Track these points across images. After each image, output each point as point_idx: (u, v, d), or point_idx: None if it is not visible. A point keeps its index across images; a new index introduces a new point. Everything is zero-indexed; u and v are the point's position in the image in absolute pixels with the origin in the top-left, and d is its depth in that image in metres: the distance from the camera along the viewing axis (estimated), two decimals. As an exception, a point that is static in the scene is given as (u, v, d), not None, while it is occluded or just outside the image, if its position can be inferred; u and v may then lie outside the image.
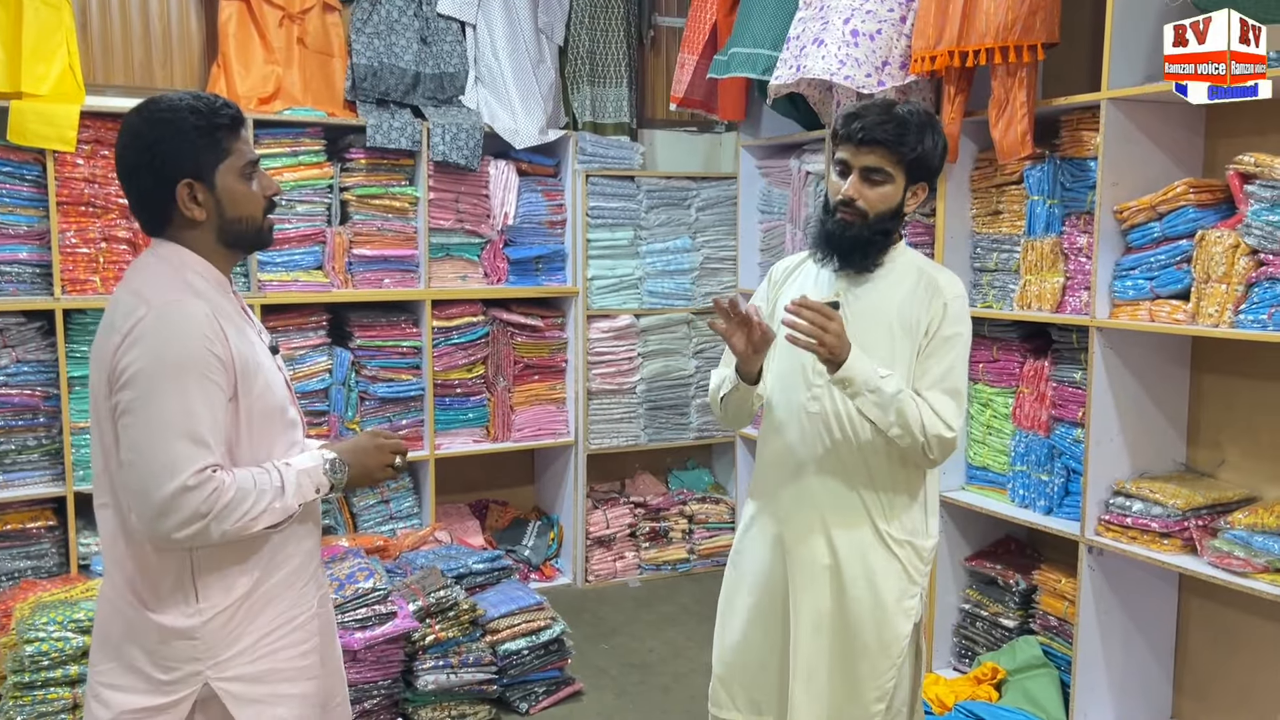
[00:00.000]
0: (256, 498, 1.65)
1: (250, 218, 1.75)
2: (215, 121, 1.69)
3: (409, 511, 4.25)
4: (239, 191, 1.72)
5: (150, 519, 1.59)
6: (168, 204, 1.69)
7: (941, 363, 2.14)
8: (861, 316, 2.17)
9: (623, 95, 4.78)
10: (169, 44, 4.00)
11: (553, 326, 4.54)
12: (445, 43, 4.29)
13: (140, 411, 1.58)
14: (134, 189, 1.72)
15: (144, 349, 1.59)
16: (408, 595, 3.32)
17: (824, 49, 3.39)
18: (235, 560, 1.69)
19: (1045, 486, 3.28)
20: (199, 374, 1.60)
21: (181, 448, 1.58)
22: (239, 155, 1.72)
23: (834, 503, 2.20)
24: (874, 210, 2.13)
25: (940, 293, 2.17)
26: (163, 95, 1.72)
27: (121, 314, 1.63)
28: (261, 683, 1.72)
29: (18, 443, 3.57)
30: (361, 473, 1.83)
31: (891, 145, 2.10)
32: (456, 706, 3.29)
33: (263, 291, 3.85)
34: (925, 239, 3.66)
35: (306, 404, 3.99)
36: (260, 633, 1.72)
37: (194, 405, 1.59)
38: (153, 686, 1.67)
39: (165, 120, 1.67)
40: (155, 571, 1.67)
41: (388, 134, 4.01)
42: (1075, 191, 3.16)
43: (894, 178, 2.13)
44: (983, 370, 3.53)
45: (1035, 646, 3.32)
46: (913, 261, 2.23)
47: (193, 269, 1.70)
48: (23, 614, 3.01)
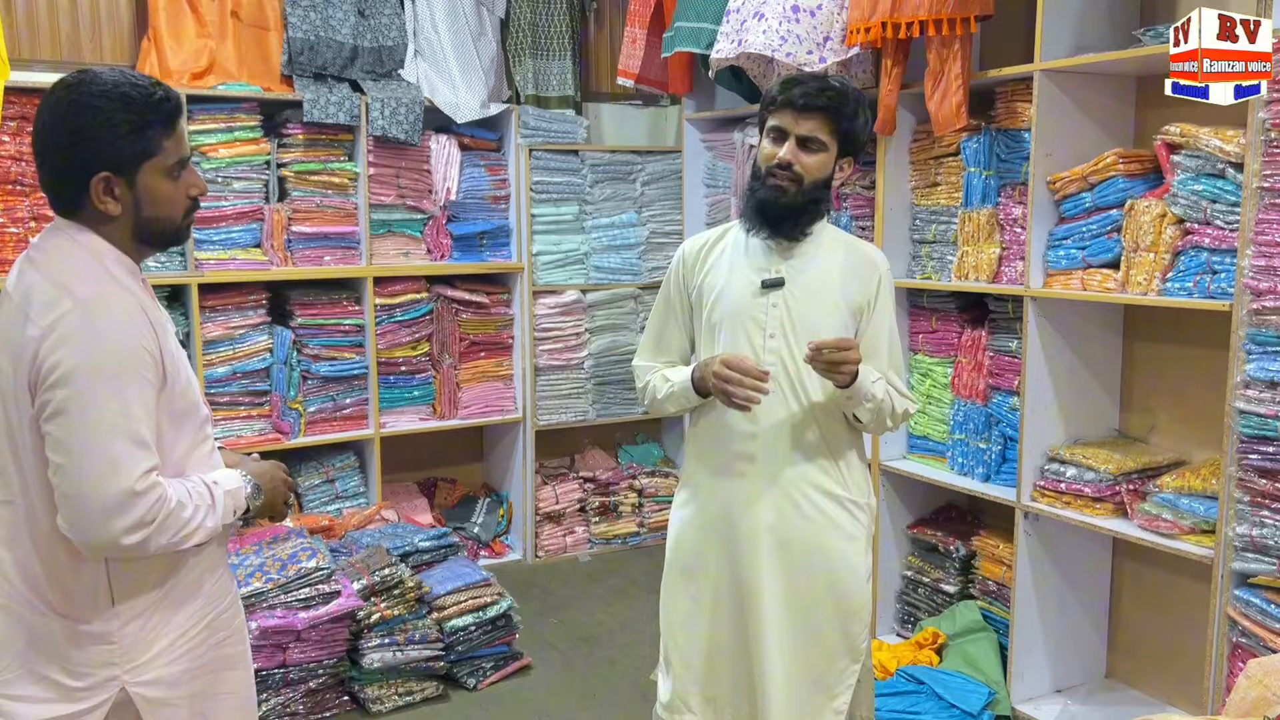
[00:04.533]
0: (192, 512, 1.59)
1: (168, 218, 1.64)
2: (149, 117, 1.57)
3: (355, 491, 4.22)
4: (160, 191, 1.61)
5: (89, 525, 1.50)
6: (80, 192, 1.57)
7: (889, 340, 2.23)
8: (804, 290, 2.19)
9: (566, 68, 4.74)
10: (97, 17, 3.89)
11: (498, 303, 4.52)
12: (383, 15, 4.22)
13: (76, 412, 1.49)
14: (46, 169, 1.60)
15: (74, 346, 1.50)
16: (352, 574, 3.31)
17: (765, 23, 3.39)
18: (149, 563, 1.62)
19: (983, 454, 3.33)
20: (134, 372, 1.53)
21: (124, 449, 1.50)
22: (168, 154, 1.61)
23: (789, 471, 2.20)
24: (810, 176, 2.14)
25: (875, 267, 2.23)
26: (97, 75, 1.58)
27: (40, 304, 1.52)
28: (177, 685, 1.66)
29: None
30: (269, 502, 1.77)
31: (830, 113, 2.12)
32: (404, 684, 3.29)
33: (200, 270, 3.79)
34: (865, 211, 3.68)
35: (247, 384, 3.94)
36: (175, 633, 1.66)
37: (132, 405, 1.52)
38: (64, 695, 1.59)
39: (94, 107, 1.54)
40: (68, 576, 1.59)
41: (325, 109, 3.95)
42: (1010, 163, 3.20)
43: (828, 147, 2.15)
44: (922, 341, 3.57)
45: (975, 611, 3.39)
46: (837, 237, 2.26)
47: (108, 257, 1.60)
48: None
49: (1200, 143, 2.63)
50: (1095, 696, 3.24)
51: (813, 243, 2.22)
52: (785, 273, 2.19)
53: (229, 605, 1.78)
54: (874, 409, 2.13)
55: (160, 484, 1.54)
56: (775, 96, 2.16)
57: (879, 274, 2.22)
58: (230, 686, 1.77)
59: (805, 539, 2.20)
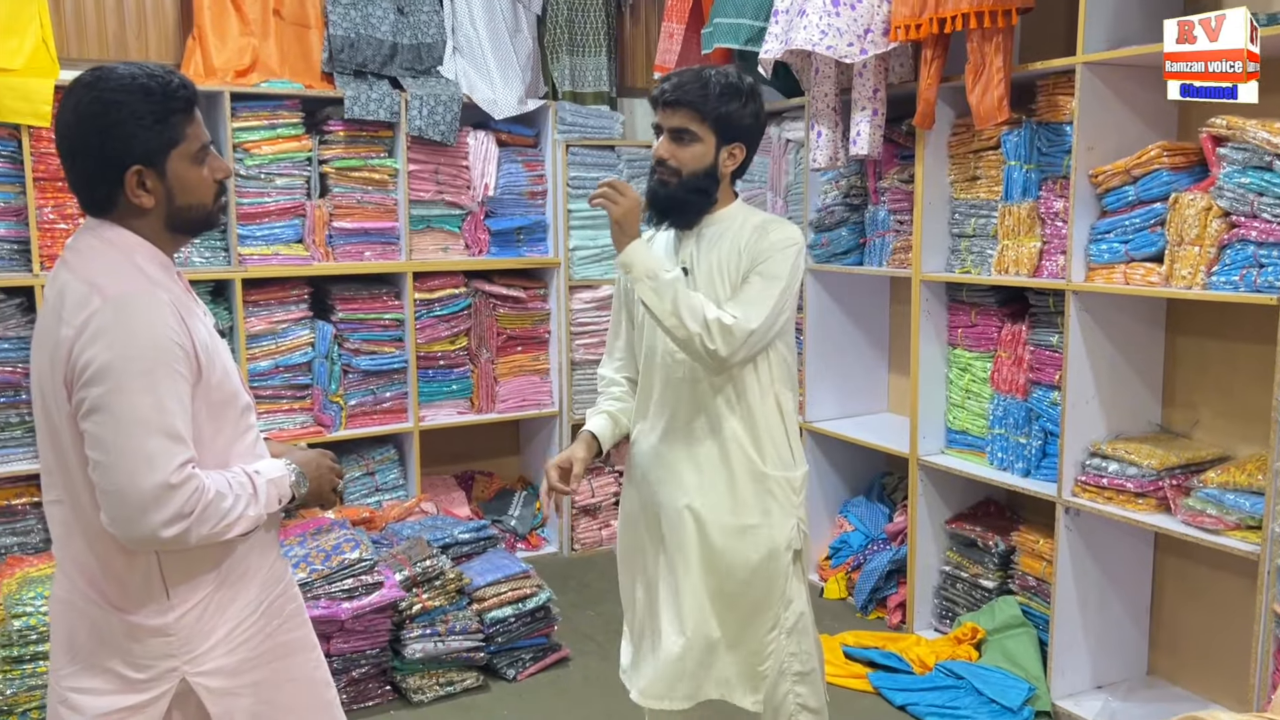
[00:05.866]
0: (233, 502, 1.60)
1: (200, 204, 1.67)
2: (170, 105, 1.59)
3: (394, 484, 4.27)
4: (190, 178, 1.63)
5: (130, 518, 1.52)
6: (114, 189, 1.59)
7: (750, 288, 2.17)
8: (705, 277, 2.23)
9: (602, 64, 4.76)
10: (143, 16, 3.96)
11: (535, 297, 4.55)
12: (422, 12, 4.26)
13: (110, 409, 1.51)
14: (76, 170, 1.61)
15: (107, 343, 1.51)
16: (394, 565, 3.35)
17: (806, 19, 3.40)
18: (201, 555, 1.64)
19: (1023, 449, 3.32)
20: (167, 367, 1.54)
21: (158, 444, 1.51)
22: (192, 140, 1.63)
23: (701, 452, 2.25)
24: (686, 169, 2.19)
25: (766, 236, 2.21)
26: (112, 70, 1.59)
27: (73, 304, 1.54)
28: (237, 674, 1.68)
29: (0, 419, 3.57)
30: (315, 490, 1.79)
31: (693, 105, 2.16)
32: (445, 674, 3.33)
33: (243, 266, 3.84)
34: (904, 205, 3.68)
35: (289, 377, 4.00)
36: (232, 623, 1.68)
37: (166, 400, 1.53)
38: (128, 686, 1.62)
39: (118, 102, 1.55)
40: (122, 570, 1.61)
41: (366, 105, 3.99)
42: (1052, 156, 3.18)
43: (702, 138, 2.19)
44: (961, 335, 3.56)
45: (1014, 606, 3.37)
46: (750, 220, 2.25)
47: (138, 252, 1.61)
48: (10, 589, 3.03)
49: (1247, 135, 2.60)
50: (1137, 693, 3.22)
51: (718, 227, 2.25)
52: (695, 260, 2.25)
53: (284, 591, 1.80)
54: (655, 291, 2.10)
55: (197, 476, 1.56)
56: (653, 94, 2.25)
57: (769, 241, 2.19)
58: (294, 672, 1.79)
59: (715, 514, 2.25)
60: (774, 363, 2.26)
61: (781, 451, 2.28)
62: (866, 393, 4.25)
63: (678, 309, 2.09)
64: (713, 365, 2.16)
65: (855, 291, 4.14)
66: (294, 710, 1.78)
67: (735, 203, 2.30)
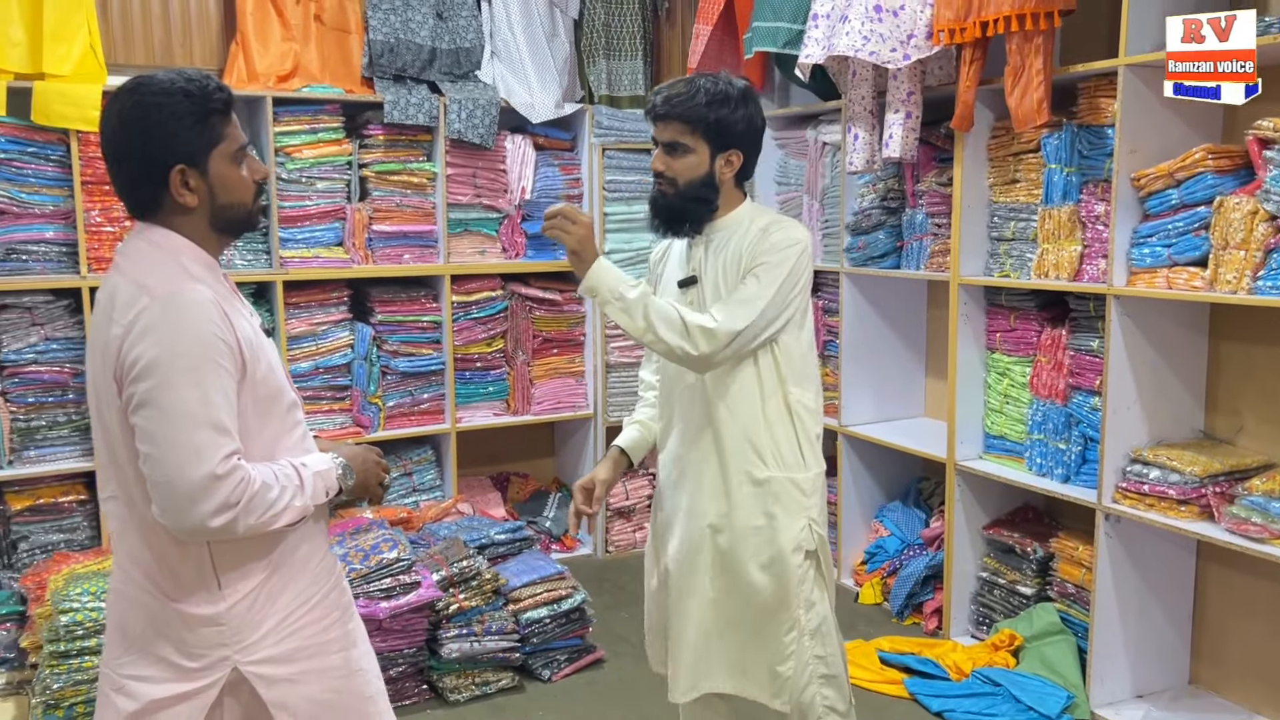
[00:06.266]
0: (279, 493, 1.64)
1: (241, 203, 1.72)
2: (208, 106, 1.65)
3: (431, 484, 4.31)
4: (230, 177, 1.69)
5: (179, 509, 1.57)
6: (159, 190, 1.64)
7: (743, 289, 2.17)
8: (712, 284, 2.25)
9: (638, 68, 4.78)
10: (188, 23, 4.03)
11: (571, 300, 4.57)
12: (461, 17, 4.30)
13: (158, 403, 1.56)
14: (123, 174, 1.67)
15: (154, 340, 1.56)
16: (431, 565, 3.38)
17: (848, 24, 3.39)
18: (251, 546, 1.69)
19: (1063, 455, 3.29)
20: (212, 362, 1.59)
21: (204, 436, 1.56)
22: (231, 140, 1.69)
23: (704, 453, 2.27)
24: (682, 179, 2.21)
25: (768, 237, 2.20)
26: (153, 76, 1.66)
27: (122, 304, 1.60)
28: (288, 662, 1.73)
29: (48, 419, 3.64)
30: (361, 483, 1.84)
31: (682, 117, 2.17)
32: (480, 674, 3.35)
33: (284, 268, 3.90)
34: (942, 208, 3.66)
35: (329, 379, 4.05)
36: (282, 614, 1.73)
37: (211, 394, 1.58)
38: (180, 674, 1.67)
39: (158, 104, 1.62)
40: (175, 562, 1.67)
41: (405, 110, 4.03)
42: (1093, 159, 3.15)
43: (694, 149, 2.20)
44: (1000, 339, 3.53)
45: (1053, 613, 3.34)
46: (757, 221, 2.25)
47: (184, 253, 1.67)
48: (57, 585, 3.09)
49: (1294, 138, 2.57)
50: (1179, 703, 3.18)
51: (725, 232, 2.26)
52: (704, 267, 2.27)
53: (335, 585, 1.84)
54: (625, 311, 2.11)
55: (242, 467, 1.60)
56: (645, 108, 2.27)
57: (769, 240, 2.19)
58: (346, 664, 1.83)
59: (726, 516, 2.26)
60: (781, 361, 2.24)
61: (786, 452, 2.26)
62: (903, 397, 4.23)
63: (651, 324, 2.11)
64: (699, 368, 2.18)
65: (892, 295, 4.12)
66: (346, 701, 1.82)
67: (743, 205, 2.30)
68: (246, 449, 1.64)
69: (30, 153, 3.54)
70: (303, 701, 1.74)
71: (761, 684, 2.30)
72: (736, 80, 2.23)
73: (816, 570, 2.28)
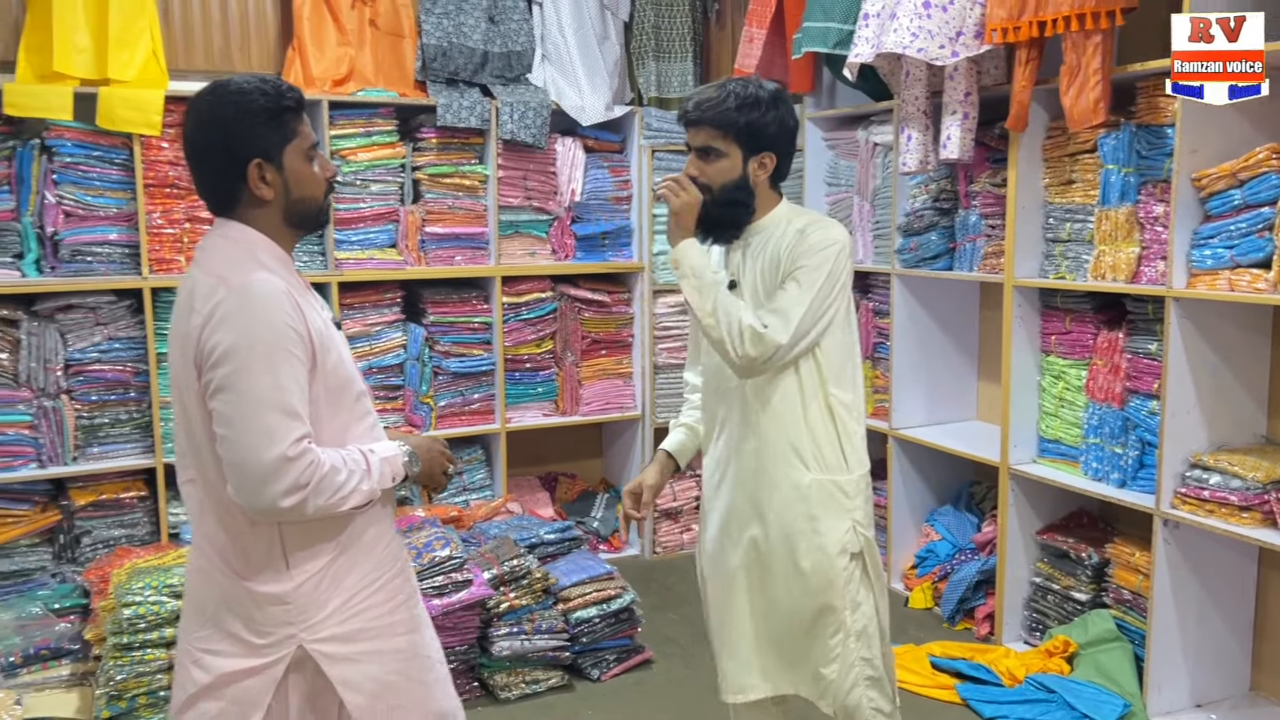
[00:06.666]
0: (347, 476, 1.71)
1: (313, 198, 1.81)
2: (282, 104, 1.74)
3: (481, 483, 4.35)
4: (304, 172, 1.78)
5: (252, 489, 1.64)
6: (237, 184, 1.74)
7: (784, 295, 2.17)
8: (751, 287, 2.25)
9: (688, 69, 4.78)
10: (246, 28, 4.10)
11: (619, 302, 4.59)
12: (513, 21, 4.34)
13: (234, 387, 1.64)
14: (204, 169, 1.76)
15: (230, 328, 1.65)
16: (482, 564, 3.41)
17: (897, 22, 3.37)
18: (320, 528, 1.76)
19: (1119, 459, 3.24)
20: (284, 349, 1.66)
21: (277, 419, 1.64)
22: (304, 138, 1.78)
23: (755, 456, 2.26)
24: (716, 184, 2.21)
25: (806, 239, 2.19)
26: (230, 79, 1.76)
27: (201, 295, 1.69)
28: (352, 641, 1.79)
29: (111, 416, 3.73)
30: (426, 471, 1.91)
31: (713, 121, 2.18)
32: (530, 673, 3.38)
33: (339, 270, 3.96)
34: (996, 209, 3.62)
35: (382, 378, 4.10)
36: (347, 595, 1.79)
37: (283, 379, 1.65)
38: (249, 650, 1.75)
39: (236, 102, 1.72)
40: (247, 541, 1.74)
41: (458, 113, 4.07)
42: (1152, 159, 3.10)
43: (727, 153, 2.20)
44: (1055, 342, 3.49)
45: (1108, 620, 3.30)
46: (793, 223, 2.24)
47: (260, 248, 1.76)
48: (120, 579, 3.16)
49: (1363, 137, 2.51)
50: (1239, 711, 3.12)
51: (764, 234, 2.26)
52: (744, 270, 2.26)
53: (400, 571, 1.89)
54: (698, 289, 2.14)
55: (313, 450, 1.67)
56: (678, 115, 2.28)
57: (807, 242, 2.17)
58: (410, 648, 1.88)
59: (769, 516, 2.26)
60: (822, 364, 2.23)
61: (828, 454, 2.25)
62: (955, 400, 4.19)
63: (716, 310, 2.13)
64: (742, 370, 2.18)
65: (944, 297, 4.09)
66: (408, 683, 1.86)
67: (780, 206, 2.29)
68: (317, 435, 1.72)
69: (95, 157, 3.63)
70: (365, 680, 1.80)
71: (808, 685, 2.30)
72: (767, 83, 2.24)
73: (862, 572, 2.27)
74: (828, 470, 2.25)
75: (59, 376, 3.63)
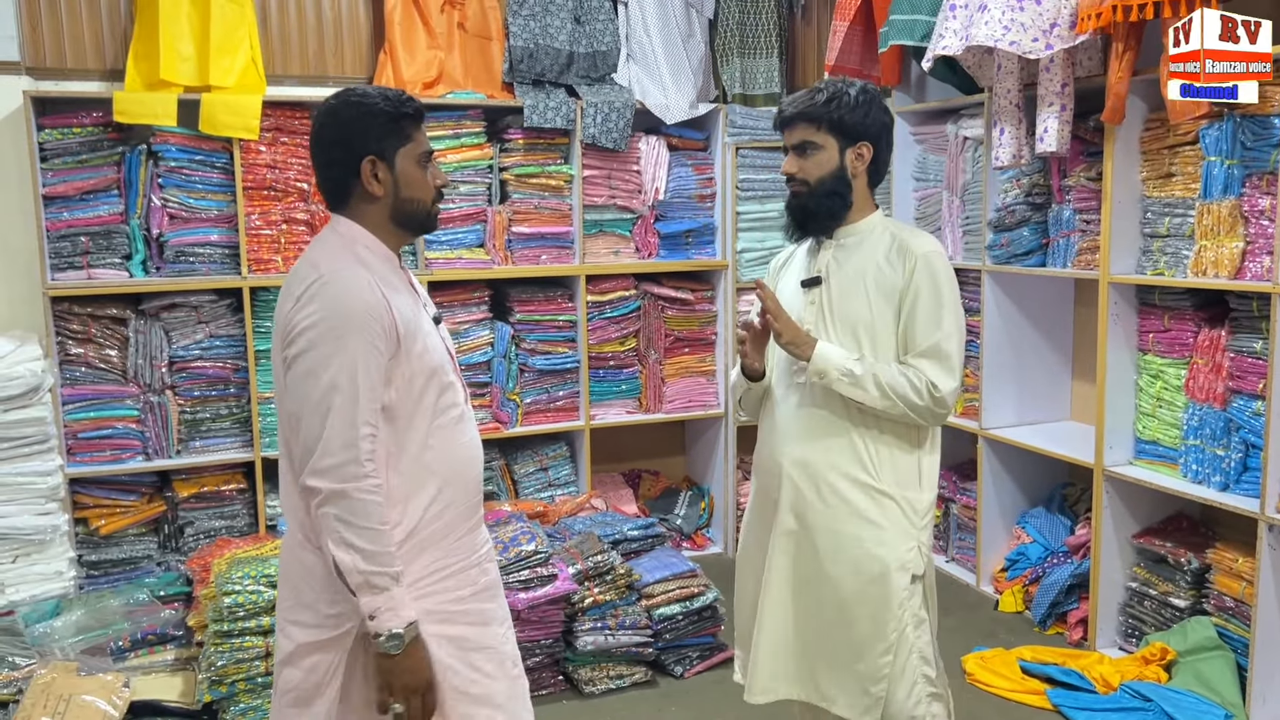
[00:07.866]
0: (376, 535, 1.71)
1: (421, 200, 1.90)
2: (402, 110, 1.86)
3: (566, 479, 4.40)
4: (415, 176, 1.88)
5: (300, 462, 1.74)
6: (351, 178, 1.85)
7: (924, 327, 2.17)
8: (842, 285, 2.24)
9: (773, 66, 4.76)
10: (340, 34, 4.21)
11: (702, 300, 4.59)
12: (598, 21, 4.37)
13: (305, 364, 1.74)
14: (325, 163, 1.88)
15: (313, 309, 1.75)
16: (567, 559, 3.45)
17: (988, 14, 3.31)
18: (391, 507, 1.81)
19: (1221, 461, 3.13)
20: (359, 334, 1.74)
21: (339, 401, 1.71)
22: (418, 144, 1.89)
23: (813, 456, 2.25)
24: (813, 178, 2.22)
25: (910, 252, 2.19)
26: (358, 87, 1.91)
27: (297, 281, 1.80)
28: (421, 623, 1.82)
29: (212, 411, 3.87)
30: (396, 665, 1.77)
31: (807, 115, 2.21)
32: (614, 667, 3.41)
33: (429, 269, 4.04)
34: (1091, 204, 3.53)
35: (470, 375, 4.18)
36: (416, 575, 1.84)
37: (355, 362, 1.73)
38: (323, 621, 1.83)
39: (359, 104, 1.85)
40: None
41: (544, 114, 4.12)
42: (1257, 151, 2.99)
43: (823, 145, 2.21)
44: (1153, 340, 3.39)
45: (1209, 628, 3.19)
46: (887, 228, 2.26)
47: (362, 243, 1.86)
48: (220, 569, 3.28)
49: None
50: (1349, 727, 2.99)
51: (857, 237, 2.26)
52: (830, 269, 2.26)
53: (476, 564, 1.93)
54: (855, 385, 2.14)
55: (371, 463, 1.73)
56: (774, 119, 2.30)
57: (915, 259, 2.18)
58: (483, 640, 1.91)
59: (820, 522, 2.24)
60: None
61: (903, 470, 2.24)
62: (1048, 399, 4.09)
63: (885, 393, 2.15)
64: (935, 423, 2.23)
65: (1037, 294, 4.00)
66: (467, 673, 1.89)
67: (875, 214, 2.29)
68: (395, 424, 1.80)
69: (198, 161, 3.77)
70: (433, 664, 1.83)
71: (848, 701, 2.26)
72: (856, 81, 2.27)
73: (924, 593, 2.27)
74: (901, 485, 2.24)
75: (164, 373, 3.78)
